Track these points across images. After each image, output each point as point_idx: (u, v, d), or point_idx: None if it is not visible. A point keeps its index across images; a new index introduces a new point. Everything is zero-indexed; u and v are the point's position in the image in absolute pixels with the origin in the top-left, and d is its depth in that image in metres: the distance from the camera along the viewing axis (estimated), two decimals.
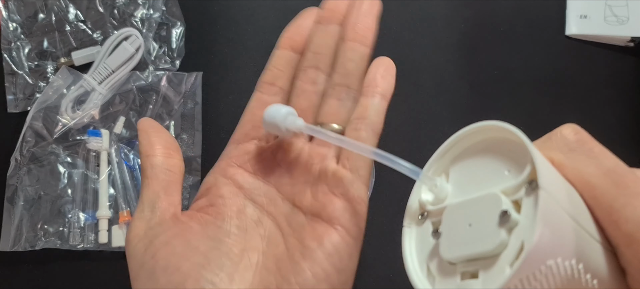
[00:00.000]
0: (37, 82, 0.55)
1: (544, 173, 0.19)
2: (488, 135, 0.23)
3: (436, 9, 0.60)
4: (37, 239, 0.50)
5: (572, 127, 0.23)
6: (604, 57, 0.59)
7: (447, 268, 0.22)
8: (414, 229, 0.24)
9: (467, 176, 0.23)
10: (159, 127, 0.29)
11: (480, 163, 0.23)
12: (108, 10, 0.57)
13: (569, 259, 0.19)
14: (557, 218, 0.19)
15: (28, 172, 0.52)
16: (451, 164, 0.24)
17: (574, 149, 0.22)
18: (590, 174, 0.21)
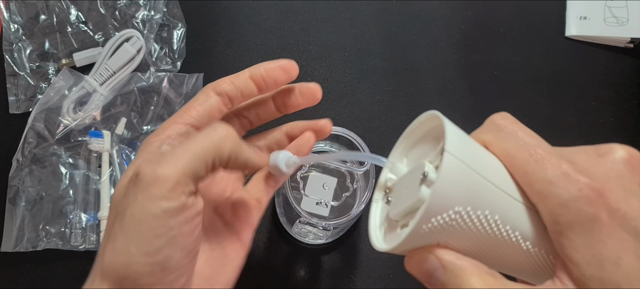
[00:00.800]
0: (38, 83, 0.55)
1: (449, 139, 0.24)
2: (430, 124, 0.29)
3: (436, 10, 0.60)
4: (39, 240, 0.50)
5: (502, 114, 0.27)
6: (604, 58, 0.59)
7: (393, 224, 0.28)
8: (379, 203, 0.30)
9: (417, 157, 0.29)
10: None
11: (425, 146, 0.29)
12: (109, 12, 0.57)
13: (481, 210, 0.24)
14: (461, 173, 0.24)
15: (30, 173, 0.52)
16: (410, 149, 0.30)
17: (500, 130, 0.26)
18: (510, 147, 0.26)
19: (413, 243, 0.25)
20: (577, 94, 0.58)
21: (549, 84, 0.58)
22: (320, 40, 0.59)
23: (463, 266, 0.24)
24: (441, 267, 0.25)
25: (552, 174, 0.24)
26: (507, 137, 0.26)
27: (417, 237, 0.24)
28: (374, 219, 0.30)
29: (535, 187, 0.24)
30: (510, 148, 0.26)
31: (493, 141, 0.26)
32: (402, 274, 0.52)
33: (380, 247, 0.27)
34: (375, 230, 0.29)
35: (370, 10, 0.60)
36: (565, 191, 0.23)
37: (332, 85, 0.57)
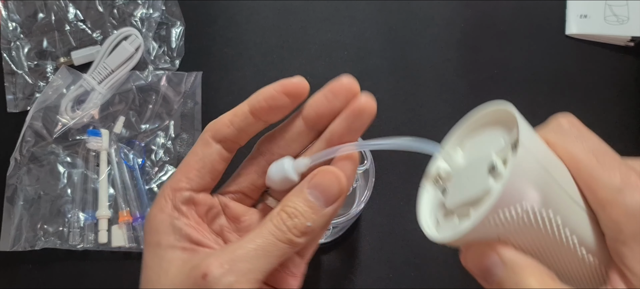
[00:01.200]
0: (36, 81, 0.55)
1: (524, 135, 0.23)
2: (494, 115, 0.28)
3: (436, 9, 0.60)
4: (36, 239, 0.50)
5: (566, 115, 0.26)
6: (604, 56, 0.59)
7: (449, 214, 0.27)
8: (429, 189, 0.29)
9: (476, 146, 0.28)
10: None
11: (485, 136, 0.28)
12: (107, 10, 0.57)
13: (545, 209, 0.23)
14: (533, 169, 0.23)
15: (28, 172, 0.52)
16: (466, 137, 0.29)
17: (565, 131, 0.26)
18: (576, 150, 0.25)
19: (475, 234, 0.24)
20: (577, 92, 0.58)
21: (549, 83, 0.58)
22: (319, 39, 0.59)
23: (523, 264, 0.24)
24: (501, 263, 0.24)
25: (620, 182, 0.23)
26: (575, 139, 0.25)
27: (481, 229, 0.23)
28: (424, 208, 0.28)
29: (600, 194, 0.24)
30: (576, 151, 0.25)
31: (558, 142, 0.26)
32: (402, 274, 0.51)
33: (435, 237, 0.26)
34: (426, 219, 0.28)
35: (370, 9, 0.60)
36: (633, 200, 0.23)
37: None
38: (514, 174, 0.22)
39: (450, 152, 0.28)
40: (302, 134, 0.30)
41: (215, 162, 0.29)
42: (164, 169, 0.53)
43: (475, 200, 0.25)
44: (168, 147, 0.54)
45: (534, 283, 0.23)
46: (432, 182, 0.29)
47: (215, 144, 0.29)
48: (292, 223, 0.27)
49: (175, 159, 0.53)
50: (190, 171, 0.29)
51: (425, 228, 0.27)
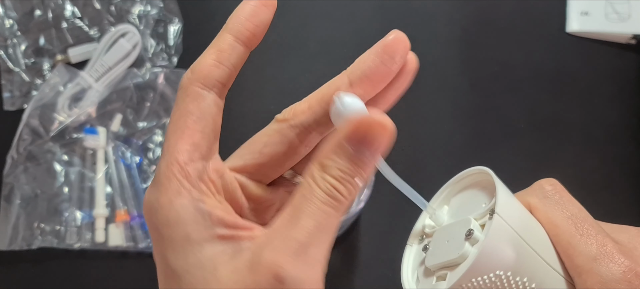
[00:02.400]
0: (33, 79, 0.54)
1: (501, 203, 0.24)
2: (478, 177, 0.28)
3: (437, 5, 0.60)
4: (33, 238, 0.50)
5: (549, 181, 0.27)
6: (605, 54, 0.59)
7: (428, 273, 0.28)
8: (414, 247, 0.30)
9: (460, 207, 0.29)
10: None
11: (468, 197, 0.29)
12: (105, 7, 0.56)
13: (520, 276, 0.24)
14: (508, 238, 0.24)
15: (25, 170, 0.51)
16: (452, 196, 0.30)
17: (547, 196, 0.26)
18: (556, 216, 0.25)
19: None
20: (578, 90, 0.57)
21: (550, 80, 0.58)
22: (318, 36, 0.58)
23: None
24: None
25: (596, 251, 0.24)
26: (554, 205, 0.26)
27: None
28: (407, 262, 0.30)
29: (576, 261, 0.24)
30: (556, 217, 0.26)
31: (539, 207, 0.26)
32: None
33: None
34: (407, 273, 0.29)
35: (370, 6, 0.60)
36: (608, 270, 0.23)
37: None
38: (487, 241, 0.23)
39: (436, 210, 0.29)
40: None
41: (215, 115, 0.25)
42: None
43: (451, 264, 0.26)
44: None
45: None
46: (418, 238, 0.30)
47: (208, 93, 0.24)
48: (344, 188, 0.22)
49: None
50: (194, 135, 0.23)
51: (404, 281, 0.28)
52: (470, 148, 0.56)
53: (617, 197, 0.55)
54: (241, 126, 0.55)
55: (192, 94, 0.24)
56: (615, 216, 0.59)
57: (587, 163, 0.56)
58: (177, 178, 0.22)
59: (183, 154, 0.23)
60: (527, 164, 0.55)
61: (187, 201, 0.22)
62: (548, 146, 0.56)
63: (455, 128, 0.56)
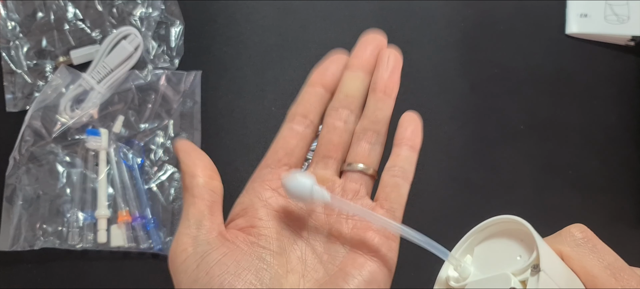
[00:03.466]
0: (35, 81, 0.54)
1: (545, 259, 0.23)
2: (507, 226, 0.27)
3: (436, 8, 0.60)
4: (36, 239, 0.50)
5: (579, 227, 0.26)
6: (604, 56, 0.59)
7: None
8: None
9: (488, 257, 0.27)
10: (199, 150, 0.31)
11: (498, 248, 0.27)
12: (107, 9, 0.57)
13: None
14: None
15: (27, 171, 0.51)
16: (476, 245, 0.28)
17: (580, 244, 0.26)
18: (593, 266, 0.25)
19: None
20: (578, 92, 0.58)
21: (549, 82, 0.58)
22: (319, 38, 0.58)
23: None
24: None
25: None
26: (589, 254, 0.25)
27: None
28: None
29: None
30: (593, 268, 0.25)
31: (573, 256, 0.26)
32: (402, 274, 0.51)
33: None
34: None
35: (370, 8, 0.60)
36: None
37: None
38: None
39: (460, 261, 0.28)
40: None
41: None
42: (163, 168, 0.53)
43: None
44: (167, 146, 0.54)
45: None
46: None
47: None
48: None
49: (174, 158, 0.53)
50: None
51: None
52: (470, 150, 0.56)
53: (617, 198, 0.55)
54: (242, 128, 0.55)
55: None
56: (615, 217, 0.60)
57: (587, 165, 0.56)
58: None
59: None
60: (527, 165, 0.56)
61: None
62: (548, 148, 0.56)
63: (455, 130, 0.56)
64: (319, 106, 0.32)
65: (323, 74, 0.33)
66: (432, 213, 0.54)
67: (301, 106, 0.32)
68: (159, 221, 0.52)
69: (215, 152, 0.54)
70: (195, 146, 0.31)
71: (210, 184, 0.29)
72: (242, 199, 0.30)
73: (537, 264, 0.23)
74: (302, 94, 0.33)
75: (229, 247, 0.28)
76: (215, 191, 0.29)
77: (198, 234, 0.28)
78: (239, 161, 0.54)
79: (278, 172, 0.31)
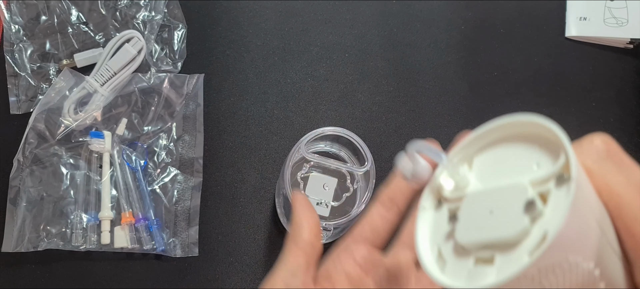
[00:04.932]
0: (39, 84, 0.55)
1: (576, 167, 0.19)
2: (519, 129, 0.22)
3: (436, 11, 0.61)
4: (39, 240, 0.50)
5: (602, 137, 0.23)
6: (604, 58, 0.59)
7: (461, 252, 0.21)
8: (429, 213, 0.24)
9: (493, 166, 0.23)
10: (312, 207, 0.33)
11: (507, 155, 0.22)
12: (110, 13, 0.57)
13: (588, 261, 0.19)
14: (584, 215, 0.19)
15: (30, 173, 0.52)
16: (476, 153, 0.24)
17: (603, 158, 0.22)
18: (618, 183, 0.21)
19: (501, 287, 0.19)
20: (577, 94, 0.58)
21: (549, 85, 0.58)
22: (320, 41, 0.59)
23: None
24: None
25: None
26: (615, 170, 0.21)
27: (510, 283, 0.19)
28: (422, 235, 0.23)
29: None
30: (618, 185, 0.21)
31: (594, 171, 0.21)
32: None
33: (442, 280, 0.21)
34: (426, 252, 0.23)
35: (371, 11, 0.60)
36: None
37: (333, 85, 0.57)
38: (568, 220, 0.18)
39: (457, 166, 0.23)
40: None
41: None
42: (166, 170, 0.53)
43: (502, 243, 0.20)
44: (170, 148, 0.54)
45: None
46: (432, 201, 0.24)
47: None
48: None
49: (177, 160, 0.54)
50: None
51: (427, 265, 0.22)
52: None
53: None
54: (245, 130, 0.56)
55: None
56: None
57: None
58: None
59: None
60: None
61: None
62: None
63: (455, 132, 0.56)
64: (407, 193, 0.32)
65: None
66: None
67: (390, 190, 0.33)
68: (162, 223, 0.52)
69: (218, 155, 0.54)
70: (310, 203, 0.33)
71: (314, 242, 0.31)
72: (327, 264, 0.32)
73: (565, 174, 0.19)
74: (393, 178, 0.33)
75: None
76: (316, 249, 0.31)
77: (290, 281, 0.30)
78: (241, 163, 0.54)
79: (361, 247, 0.32)
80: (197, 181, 0.53)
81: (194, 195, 0.53)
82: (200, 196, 0.53)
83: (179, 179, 0.53)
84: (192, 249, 0.51)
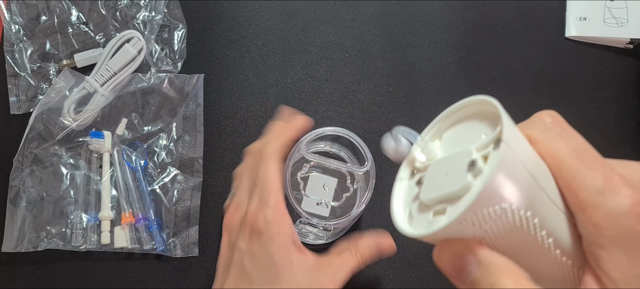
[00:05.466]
0: (39, 84, 0.55)
1: (508, 132, 0.23)
2: (475, 108, 0.27)
3: (436, 11, 0.61)
4: (39, 241, 0.50)
5: (549, 112, 0.26)
6: (603, 58, 0.59)
7: (423, 208, 0.26)
8: (404, 182, 0.29)
9: (454, 139, 0.27)
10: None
11: (465, 130, 0.27)
12: (110, 13, 0.57)
13: (523, 210, 0.22)
14: (514, 168, 0.22)
15: (31, 173, 0.52)
16: (445, 130, 0.28)
17: (548, 129, 0.25)
18: (559, 149, 0.24)
19: (449, 232, 0.23)
20: (577, 94, 0.58)
21: (549, 85, 0.58)
22: (320, 41, 0.59)
23: (499, 264, 0.23)
24: (476, 262, 0.23)
25: (603, 184, 0.23)
26: (557, 137, 0.25)
27: (456, 227, 0.22)
28: (397, 199, 0.28)
29: (580, 195, 0.23)
30: (559, 150, 0.24)
31: (540, 139, 0.25)
32: (402, 274, 0.52)
33: (408, 231, 0.25)
34: (398, 211, 0.27)
35: (371, 11, 0.60)
36: (615, 203, 0.22)
37: (333, 86, 0.57)
38: (495, 172, 0.21)
39: (428, 143, 0.28)
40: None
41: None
42: (166, 170, 0.53)
43: (452, 197, 0.24)
44: (170, 148, 0.54)
45: (509, 283, 0.22)
46: (408, 173, 0.28)
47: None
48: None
49: (177, 160, 0.54)
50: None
51: (397, 220, 0.27)
52: None
53: None
54: (245, 130, 0.56)
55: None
56: None
57: None
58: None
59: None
60: None
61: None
62: None
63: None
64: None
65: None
66: None
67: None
68: (162, 223, 0.52)
69: (218, 155, 0.54)
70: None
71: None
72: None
73: (500, 138, 0.23)
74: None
75: None
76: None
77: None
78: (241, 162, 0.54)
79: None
80: (197, 181, 0.53)
81: (194, 195, 0.53)
82: (200, 196, 0.53)
83: (179, 179, 0.53)
84: (192, 249, 0.52)
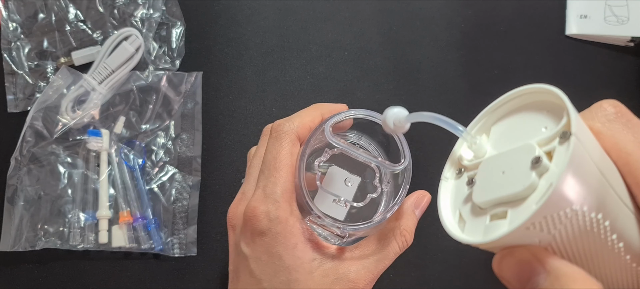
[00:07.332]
0: (37, 82, 0.55)
1: (577, 124, 0.20)
2: (530, 98, 0.24)
3: (436, 9, 0.60)
4: (37, 239, 0.50)
5: (611, 102, 0.24)
6: (604, 56, 0.59)
7: (478, 212, 0.23)
8: (450, 182, 0.26)
9: (507, 133, 0.25)
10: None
11: (519, 123, 0.24)
12: (108, 10, 0.57)
13: (594, 212, 0.20)
14: (585, 166, 0.20)
15: (28, 172, 0.52)
16: (493, 124, 0.26)
17: (612, 120, 0.23)
18: (626, 142, 0.22)
19: (514, 239, 0.21)
20: (577, 92, 0.57)
21: (549, 83, 0.58)
22: (320, 39, 0.59)
23: (570, 274, 0.20)
24: (544, 272, 0.20)
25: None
26: (623, 129, 0.22)
27: (522, 234, 0.20)
28: (444, 200, 0.26)
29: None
30: (626, 143, 0.22)
31: (604, 132, 0.23)
32: (402, 274, 0.51)
33: (462, 238, 0.23)
34: (448, 216, 0.25)
35: (370, 9, 0.60)
36: None
37: (332, 84, 0.57)
38: (567, 170, 0.19)
39: (476, 138, 0.25)
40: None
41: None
42: (164, 169, 0.53)
43: (513, 198, 0.21)
44: (168, 147, 0.54)
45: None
46: (453, 172, 0.26)
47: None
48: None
49: (175, 159, 0.53)
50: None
51: (449, 226, 0.24)
52: None
53: None
54: (244, 128, 0.55)
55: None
56: None
57: None
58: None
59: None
60: None
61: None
62: None
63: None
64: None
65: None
66: (434, 216, 0.54)
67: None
68: (160, 222, 0.52)
69: (216, 153, 0.54)
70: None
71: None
72: None
73: (567, 130, 0.21)
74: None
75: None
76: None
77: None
78: (239, 161, 0.54)
79: None
80: (195, 180, 0.53)
81: (193, 194, 0.53)
82: (199, 195, 0.53)
83: (177, 178, 0.53)
84: (191, 248, 0.51)
